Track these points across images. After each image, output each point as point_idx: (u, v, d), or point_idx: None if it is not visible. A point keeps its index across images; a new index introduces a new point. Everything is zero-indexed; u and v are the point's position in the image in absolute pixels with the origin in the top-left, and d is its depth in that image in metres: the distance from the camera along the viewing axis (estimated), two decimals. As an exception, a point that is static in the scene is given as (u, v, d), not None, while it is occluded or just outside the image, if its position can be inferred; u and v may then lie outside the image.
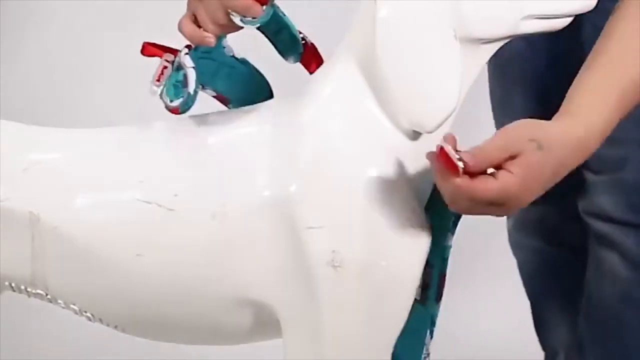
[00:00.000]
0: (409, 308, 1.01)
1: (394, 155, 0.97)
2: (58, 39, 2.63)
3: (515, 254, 1.54)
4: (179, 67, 1.03)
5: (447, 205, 0.98)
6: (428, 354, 1.05)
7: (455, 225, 1.02)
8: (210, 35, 1.02)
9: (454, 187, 0.91)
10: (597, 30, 1.01)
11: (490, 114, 1.47)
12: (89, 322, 1.05)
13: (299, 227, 0.95)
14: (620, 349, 1.31)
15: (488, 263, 2.07)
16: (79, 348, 1.83)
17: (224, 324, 1.02)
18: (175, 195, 0.98)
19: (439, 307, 1.04)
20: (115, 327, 1.05)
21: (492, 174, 0.93)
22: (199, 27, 1.02)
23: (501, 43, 0.99)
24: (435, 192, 0.99)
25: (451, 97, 0.96)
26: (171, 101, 1.02)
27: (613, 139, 1.19)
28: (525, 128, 0.96)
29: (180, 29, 1.04)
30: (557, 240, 1.45)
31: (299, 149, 0.98)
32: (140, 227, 0.98)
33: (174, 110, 1.02)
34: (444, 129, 0.98)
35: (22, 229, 0.99)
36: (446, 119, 0.97)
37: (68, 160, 1.01)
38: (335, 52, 1.01)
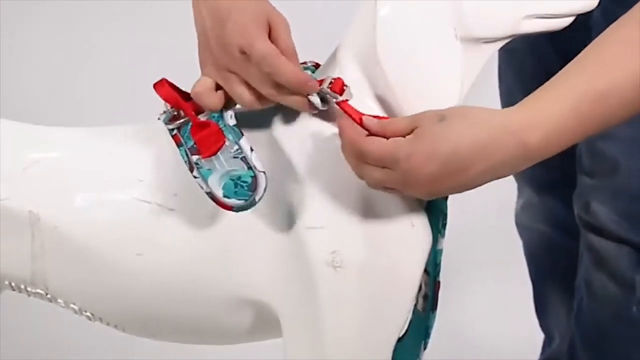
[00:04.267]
0: (410, 308, 1.01)
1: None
2: (58, 38, 2.64)
3: (520, 233, 1.56)
4: (244, 160, 0.92)
5: (436, 206, 0.99)
6: None
7: (444, 226, 1.01)
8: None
9: (346, 140, 0.91)
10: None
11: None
12: (89, 322, 1.05)
13: (299, 227, 0.95)
14: None
15: (485, 264, 2.07)
16: (79, 347, 1.83)
17: (224, 323, 1.02)
18: (175, 194, 0.98)
19: (434, 316, 1.04)
20: (115, 326, 1.05)
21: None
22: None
23: (502, 42, 1.00)
24: None
25: (452, 97, 0.96)
26: (226, 196, 0.91)
27: (603, 136, 1.17)
28: (441, 109, 0.92)
29: (201, 99, 0.94)
30: (563, 227, 1.45)
31: (300, 148, 0.98)
32: (140, 226, 0.98)
33: (225, 206, 0.91)
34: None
35: (22, 228, 0.99)
36: (446, 118, 0.97)
37: (68, 160, 1.01)
38: (336, 52, 1.01)
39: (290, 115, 0.98)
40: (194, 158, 0.93)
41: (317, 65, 1.04)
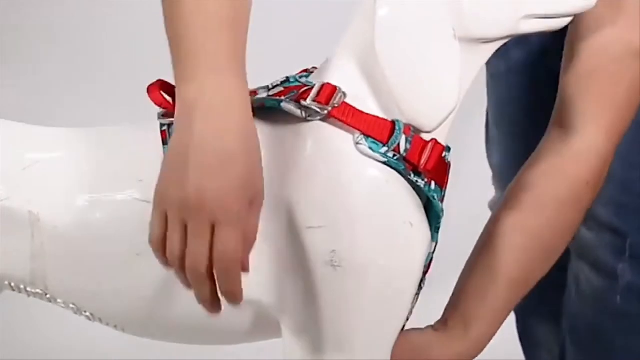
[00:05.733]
0: (409, 307, 1.01)
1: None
2: (58, 38, 2.64)
3: None
4: None
5: (434, 208, 0.99)
6: None
7: (437, 230, 1.02)
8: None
9: None
10: None
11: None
12: (89, 322, 1.06)
13: (298, 226, 0.95)
14: (600, 357, 1.30)
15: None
16: (78, 347, 1.83)
17: (224, 323, 1.02)
18: (175, 194, 0.98)
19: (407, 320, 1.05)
20: (115, 326, 1.05)
21: None
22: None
23: (501, 43, 1.00)
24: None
25: (451, 97, 0.96)
26: None
27: None
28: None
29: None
30: None
31: (300, 148, 0.98)
32: (140, 226, 0.98)
33: None
34: (444, 128, 0.98)
35: (22, 228, 0.99)
36: (446, 118, 0.97)
37: (68, 160, 1.01)
38: (335, 52, 1.01)
39: (291, 114, 0.98)
40: None
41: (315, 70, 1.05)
